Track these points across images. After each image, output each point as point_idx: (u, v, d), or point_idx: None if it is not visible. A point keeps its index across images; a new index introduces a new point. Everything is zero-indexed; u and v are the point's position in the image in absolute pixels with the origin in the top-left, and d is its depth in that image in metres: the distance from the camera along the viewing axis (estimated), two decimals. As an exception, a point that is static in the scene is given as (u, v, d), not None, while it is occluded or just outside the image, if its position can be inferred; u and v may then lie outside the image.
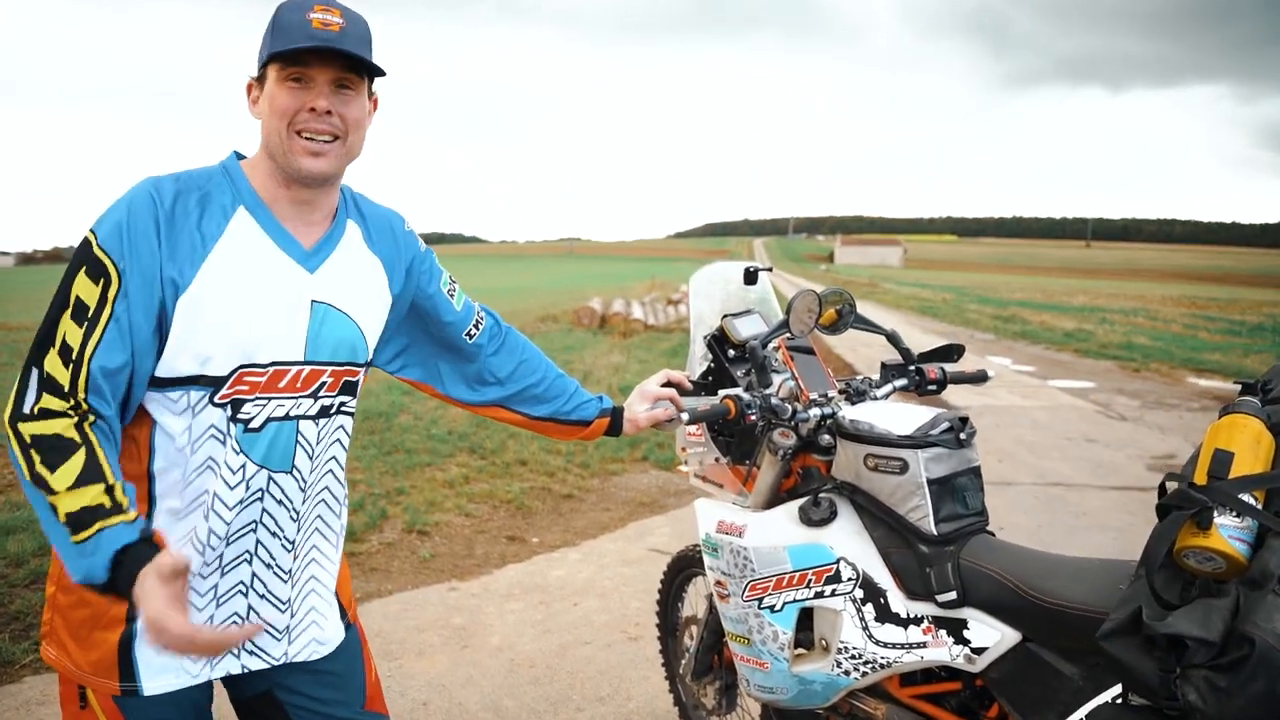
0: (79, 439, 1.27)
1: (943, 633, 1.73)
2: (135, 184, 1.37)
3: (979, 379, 2.29)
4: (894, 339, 2.24)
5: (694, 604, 2.80)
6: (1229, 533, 1.28)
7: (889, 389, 2.18)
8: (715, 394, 2.09)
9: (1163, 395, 10.28)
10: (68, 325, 1.30)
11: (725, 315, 2.27)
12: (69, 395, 1.28)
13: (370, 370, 1.62)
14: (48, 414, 1.28)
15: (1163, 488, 1.40)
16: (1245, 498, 1.30)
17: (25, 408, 1.28)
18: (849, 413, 1.92)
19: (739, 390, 2.03)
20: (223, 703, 1.61)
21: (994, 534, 1.83)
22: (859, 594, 1.82)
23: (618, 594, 4.10)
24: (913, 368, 2.22)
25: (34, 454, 1.26)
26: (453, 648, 3.55)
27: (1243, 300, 35.58)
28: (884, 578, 1.81)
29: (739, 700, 2.59)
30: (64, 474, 1.24)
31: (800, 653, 1.94)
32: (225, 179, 1.42)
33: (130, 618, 1.37)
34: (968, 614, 1.71)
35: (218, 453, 1.40)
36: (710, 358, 2.26)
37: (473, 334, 1.76)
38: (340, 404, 1.52)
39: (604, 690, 3.23)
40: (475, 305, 1.80)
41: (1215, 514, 1.29)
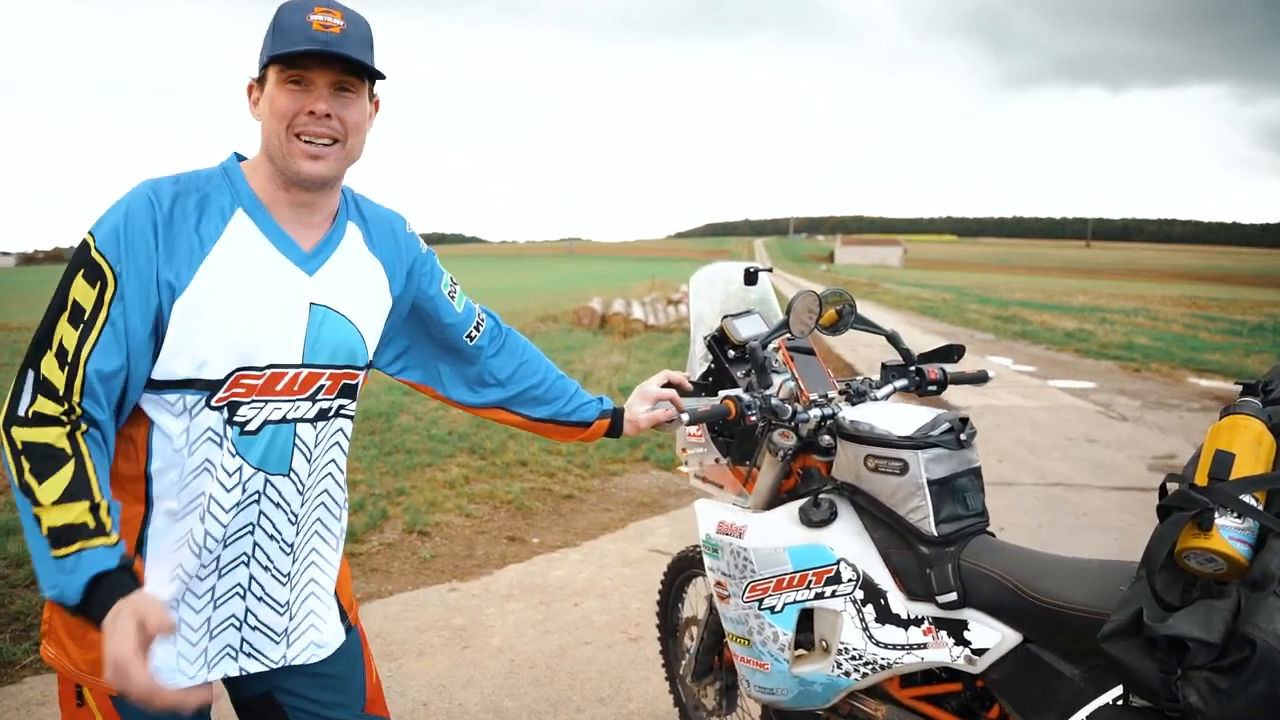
0: (69, 450, 1.27)
1: (943, 634, 1.73)
2: (134, 186, 1.37)
3: (979, 379, 2.29)
4: (894, 339, 2.24)
5: (694, 605, 2.80)
6: (1230, 534, 1.28)
7: (889, 389, 2.18)
8: (715, 395, 2.09)
9: (1163, 395, 10.27)
10: (64, 328, 1.30)
11: (725, 316, 2.27)
12: (64, 399, 1.28)
13: (370, 372, 1.61)
14: (42, 418, 1.27)
15: (1163, 489, 1.40)
16: (1246, 499, 1.30)
17: (19, 410, 1.28)
18: (849, 413, 1.91)
19: (739, 391, 2.03)
20: (223, 703, 1.61)
21: (994, 535, 1.83)
22: (859, 595, 1.82)
23: (618, 594, 4.10)
24: (913, 368, 2.22)
25: (24, 461, 1.26)
26: (453, 648, 3.54)
27: (1243, 300, 35.56)
28: (884, 579, 1.80)
29: (739, 701, 2.59)
30: (51, 486, 1.24)
31: (800, 654, 1.94)
32: (224, 181, 1.42)
33: None
34: (968, 615, 1.71)
35: (214, 455, 1.39)
36: (710, 358, 2.25)
37: (473, 336, 1.76)
38: (339, 407, 1.51)
39: (604, 691, 3.23)
40: (476, 307, 1.79)
41: (1216, 515, 1.29)
